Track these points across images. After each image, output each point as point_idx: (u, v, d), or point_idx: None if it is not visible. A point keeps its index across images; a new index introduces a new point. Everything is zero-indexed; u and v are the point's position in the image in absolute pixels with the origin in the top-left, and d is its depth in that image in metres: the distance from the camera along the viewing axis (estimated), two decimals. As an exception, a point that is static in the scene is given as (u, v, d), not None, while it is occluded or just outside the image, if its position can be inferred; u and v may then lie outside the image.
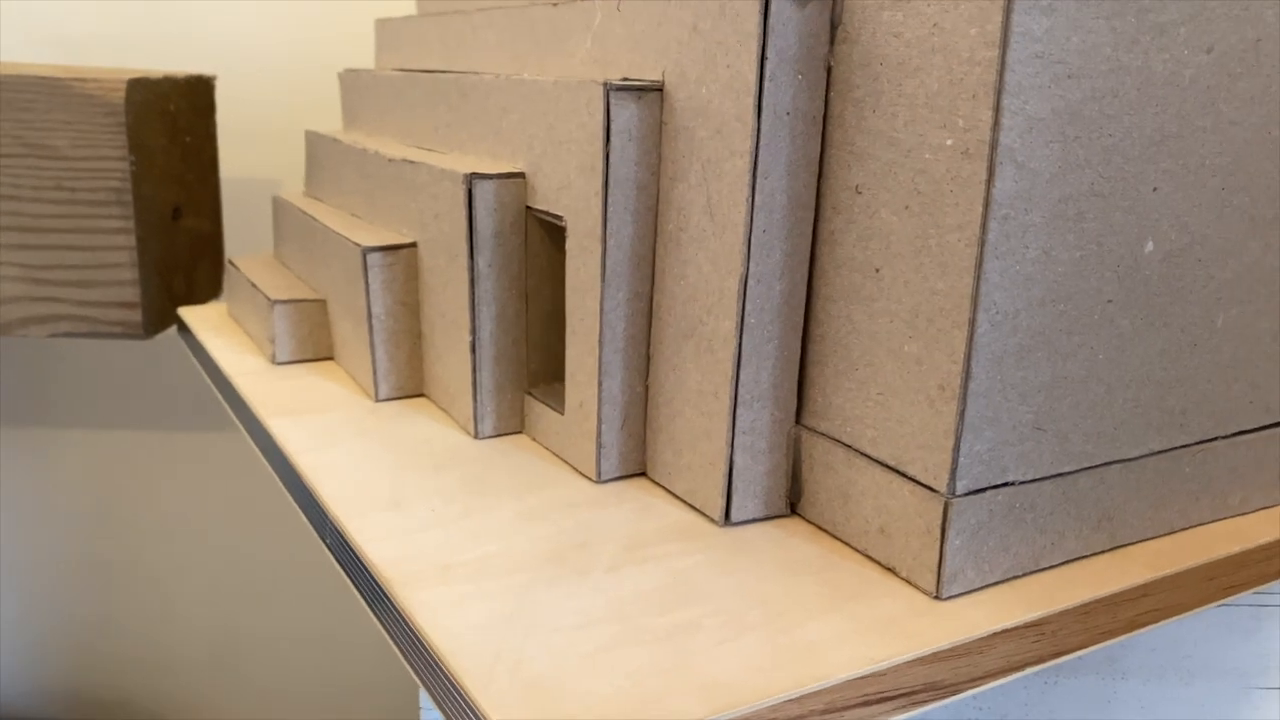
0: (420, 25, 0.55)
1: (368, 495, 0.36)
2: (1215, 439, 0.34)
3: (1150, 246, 0.30)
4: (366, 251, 0.44)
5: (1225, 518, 0.36)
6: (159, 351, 0.87)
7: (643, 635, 0.28)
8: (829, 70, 0.32)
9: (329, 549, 0.35)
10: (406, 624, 0.29)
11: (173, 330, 0.66)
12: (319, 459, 0.39)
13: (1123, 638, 0.32)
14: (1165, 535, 0.34)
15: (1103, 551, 0.33)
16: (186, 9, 0.80)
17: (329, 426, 0.43)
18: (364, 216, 0.51)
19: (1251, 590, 0.34)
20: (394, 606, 0.30)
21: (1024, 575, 0.31)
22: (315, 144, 0.59)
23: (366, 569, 0.32)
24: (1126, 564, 0.32)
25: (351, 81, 0.59)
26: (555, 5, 0.41)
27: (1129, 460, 0.32)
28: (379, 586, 0.31)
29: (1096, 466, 0.32)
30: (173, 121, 0.66)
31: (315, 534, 0.37)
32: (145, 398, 0.88)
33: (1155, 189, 0.30)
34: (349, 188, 0.53)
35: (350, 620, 0.95)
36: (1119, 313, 0.31)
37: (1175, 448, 0.34)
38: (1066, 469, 0.31)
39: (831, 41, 0.31)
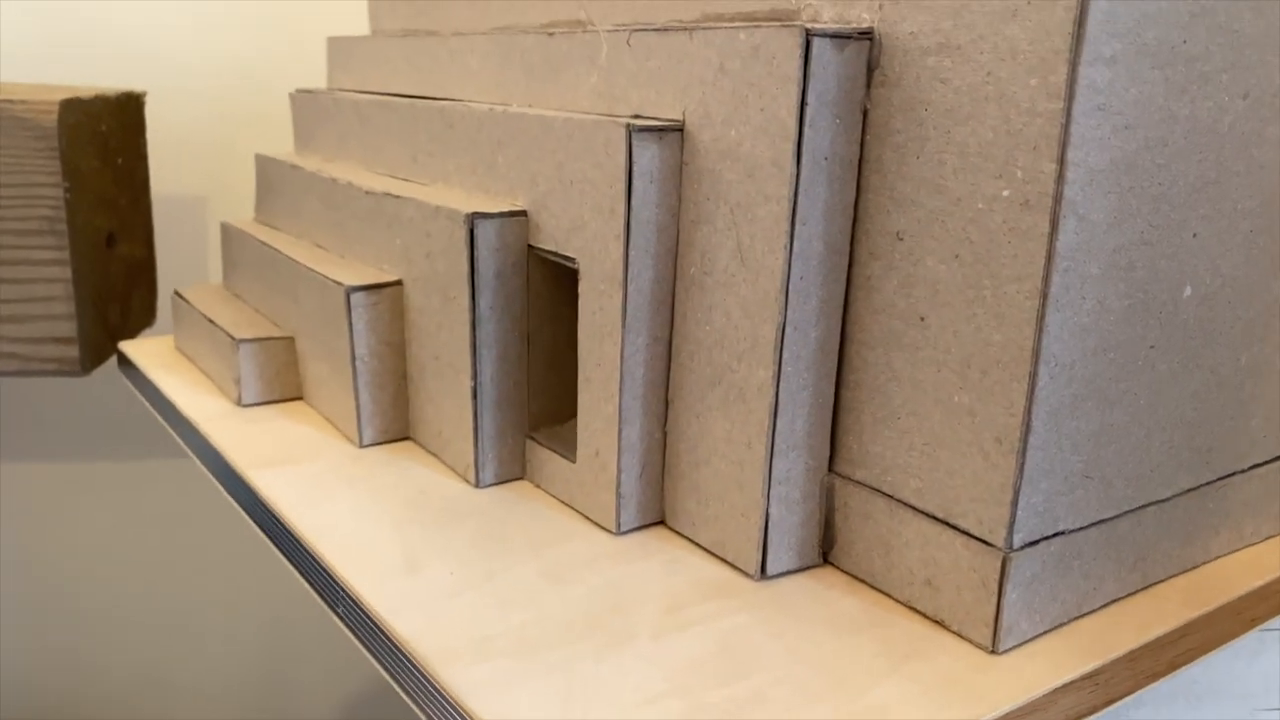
0: (382, 45, 0.53)
1: (378, 558, 0.34)
2: (1234, 473, 0.35)
3: (1188, 291, 0.31)
4: (350, 291, 0.42)
5: (1240, 548, 0.36)
6: (80, 382, 0.82)
7: (711, 711, 0.26)
8: (865, 113, 0.31)
9: (340, 618, 0.33)
10: (455, 709, 0.27)
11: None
12: (316, 518, 0.37)
13: (1164, 679, 0.32)
14: (1190, 570, 0.35)
15: (1136, 592, 0.33)
16: (95, 14, 0.76)
17: (316, 478, 0.40)
18: (331, 249, 0.49)
19: (1271, 620, 0.35)
20: (437, 689, 0.28)
21: (1069, 622, 0.31)
22: (268, 169, 0.56)
23: (395, 645, 0.30)
24: (1162, 604, 0.32)
25: (305, 103, 0.57)
26: (551, 35, 0.39)
27: (1163, 501, 0.33)
28: (413, 665, 0.29)
29: (1135, 510, 0.32)
30: (105, 143, 0.62)
31: (296, 576, 0.35)
32: (67, 428, 0.83)
33: (1195, 234, 0.30)
34: (312, 217, 0.51)
35: (292, 657, 0.91)
36: (1159, 357, 0.31)
37: (1201, 485, 0.34)
38: (1109, 514, 0.31)
39: (868, 84, 0.31)
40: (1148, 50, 0.27)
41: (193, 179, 0.81)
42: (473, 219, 0.37)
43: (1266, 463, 0.36)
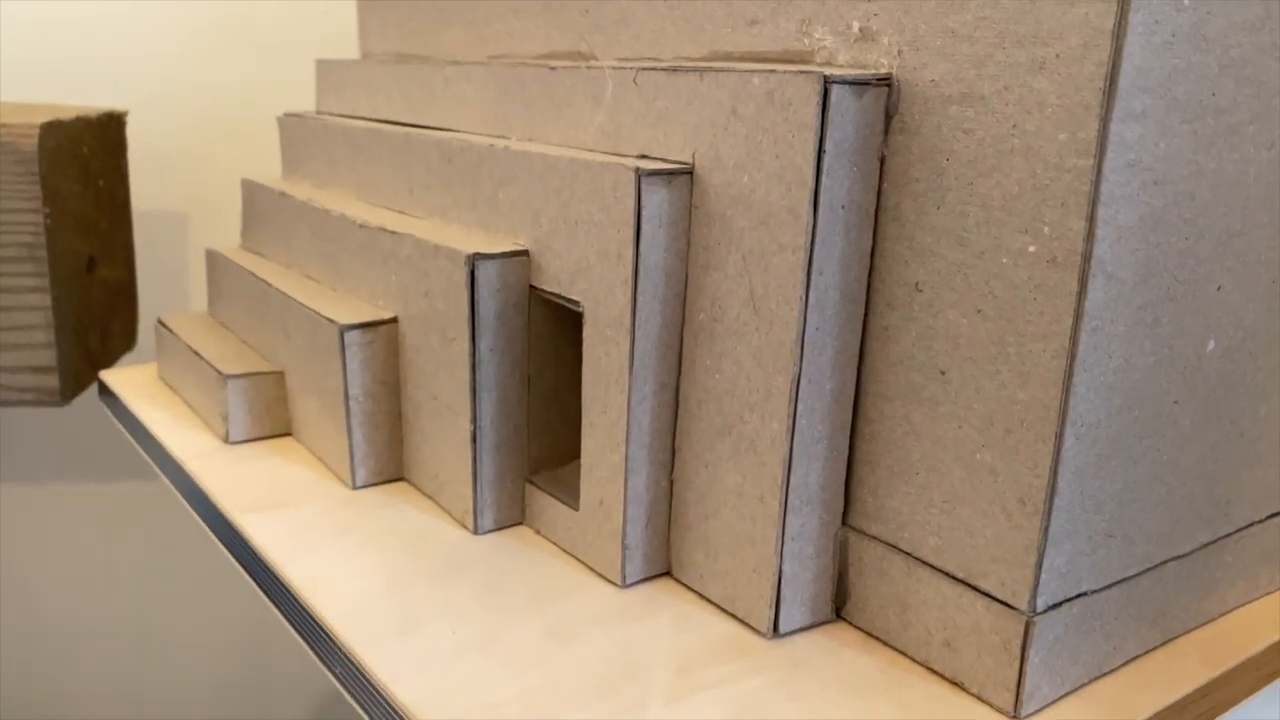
0: (373, 71, 0.51)
1: (375, 614, 0.33)
2: (1253, 524, 0.34)
3: (1212, 345, 0.30)
4: (344, 330, 0.41)
5: (1256, 598, 0.36)
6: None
7: (729, 787, 0.26)
8: (882, 160, 0.30)
9: (337, 679, 0.32)
10: (463, 786, 0.26)
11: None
12: (308, 568, 0.36)
13: (1186, 740, 0.31)
14: (1206, 624, 0.34)
15: (1155, 648, 0.32)
16: (77, 31, 0.74)
17: (308, 524, 0.39)
18: (323, 281, 0.48)
19: (1287, 674, 0.34)
20: (444, 763, 0.27)
21: (1089, 683, 0.30)
22: (256, 195, 0.54)
23: (397, 713, 0.29)
24: (1182, 661, 0.32)
25: (294, 127, 0.55)
26: (553, 69, 0.38)
27: (1183, 556, 0.32)
28: (417, 734, 0.28)
29: (1155, 566, 0.31)
30: (85, 165, 0.61)
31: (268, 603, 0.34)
32: (37, 450, 0.81)
33: (1219, 288, 0.29)
34: (302, 247, 0.49)
35: (268, 682, 0.89)
36: (1182, 412, 0.30)
37: (1220, 538, 0.33)
38: (1131, 573, 0.30)
39: (886, 131, 0.30)
40: (1178, 104, 0.26)
41: (174, 197, 0.79)
42: (474, 259, 0.36)
43: (1283, 512, 0.35)
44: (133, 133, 0.70)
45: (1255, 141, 0.29)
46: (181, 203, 0.80)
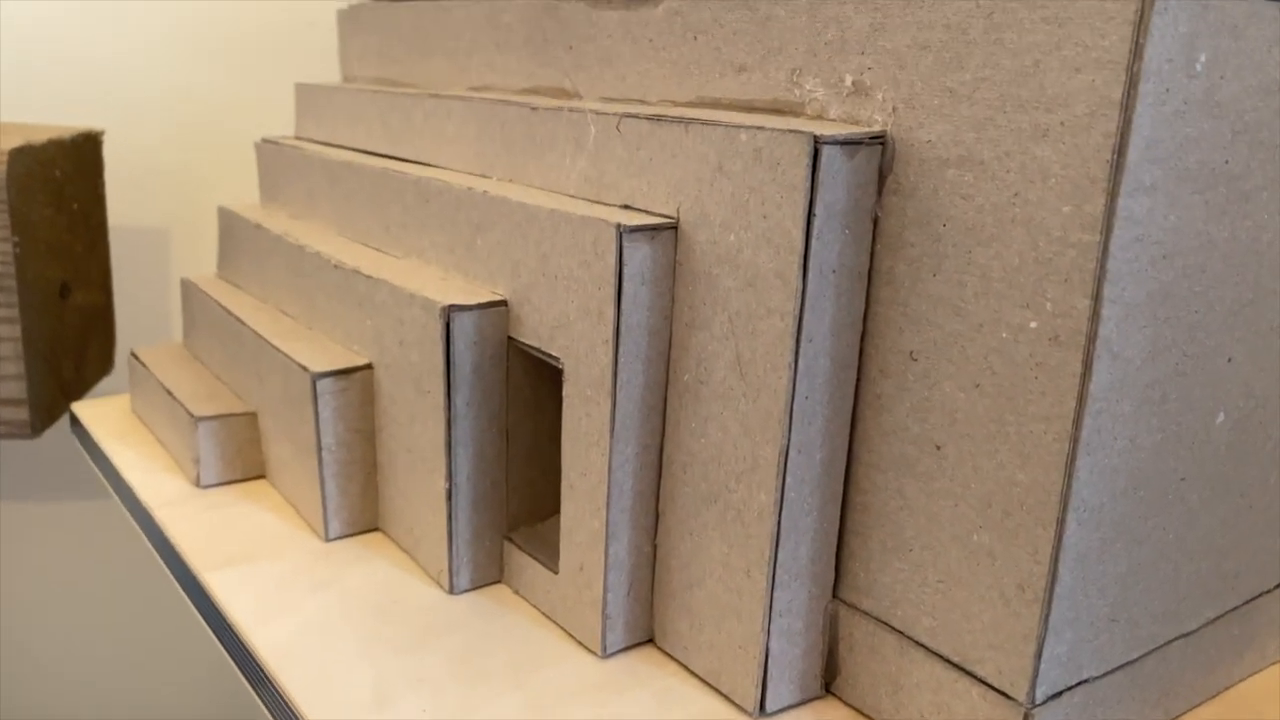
0: (353, 99, 0.50)
1: (345, 689, 0.31)
2: (1261, 595, 0.33)
3: (1221, 417, 0.28)
4: (317, 378, 0.39)
5: (1263, 668, 0.34)
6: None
7: None
8: (875, 220, 0.29)
9: (303, 759, 0.31)
10: None
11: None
12: (277, 633, 0.34)
13: (1191, 829, 0.30)
14: (1213, 698, 0.33)
15: (1159, 728, 0.31)
16: (54, 46, 0.72)
17: (279, 581, 0.37)
18: (299, 318, 0.46)
19: (1295, 750, 0.33)
20: None
21: (1091, 769, 0.29)
22: (232, 225, 0.53)
23: (362, 805, 0.27)
24: (1186, 743, 0.30)
25: (271, 154, 0.54)
26: (534, 110, 0.37)
27: (1189, 634, 0.31)
28: (382, 832, 0.26)
29: (1160, 647, 0.30)
30: (58, 189, 0.59)
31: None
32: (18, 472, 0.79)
33: (1230, 359, 0.28)
34: (277, 281, 0.48)
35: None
36: (1189, 489, 0.28)
37: (1227, 611, 0.32)
38: (1135, 655, 0.29)
39: (879, 192, 0.28)
40: (1189, 174, 0.25)
41: (154, 212, 0.78)
42: (449, 311, 0.35)
43: (1291, 579, 0.34)
44: (113, 146, 0.68)
45: (1269, 208, 0.27)
46: (163, 218, 0.78)
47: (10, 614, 0.81)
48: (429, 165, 0.44)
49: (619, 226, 0.30)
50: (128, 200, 0.75)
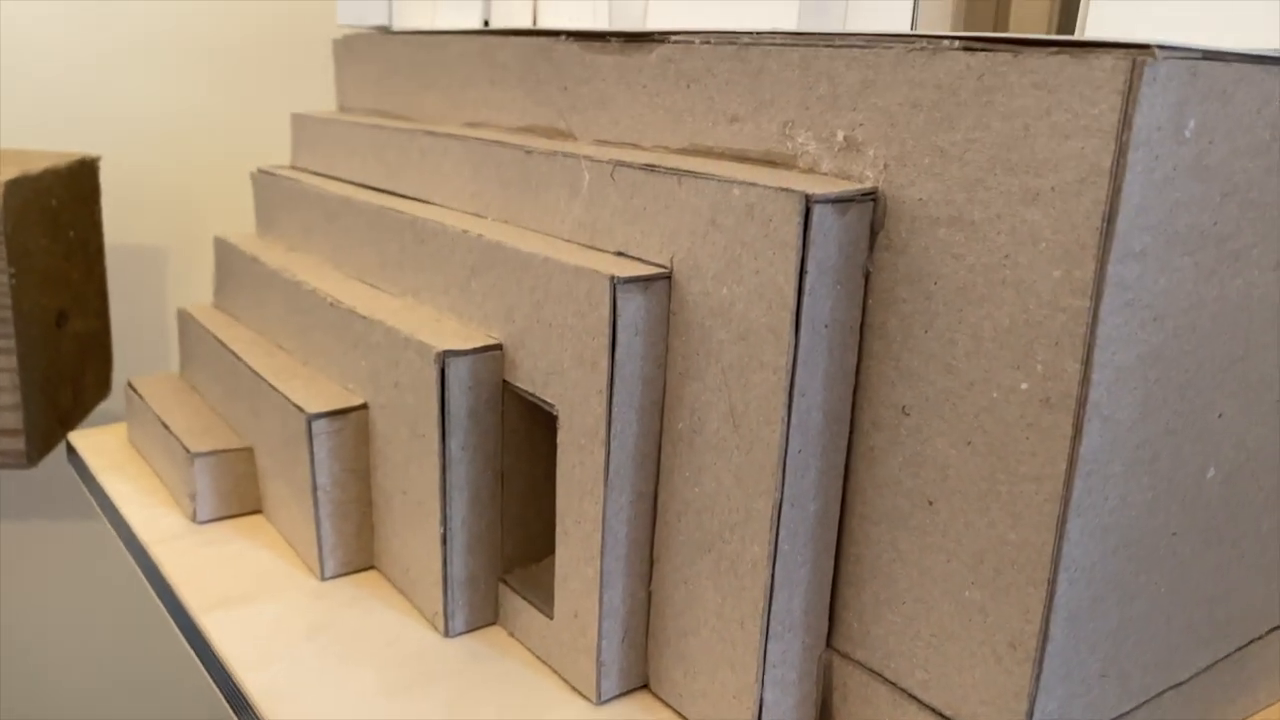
0: (348, 131, 0.50)
1: (339, 738, 0.31)
2: (1253, 641, 0.33)
3: (1212, 472, 0.29)
4: (312, 419, 0.39)
5: (1255, 713, 0.34)
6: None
7: None
8: (867, 275, 0.29)
9: (298, 810, 0.31)
10: None
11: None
12: (271, 678, 0.34)
13: None
14: (1205, 745, 0.33)
15: (1152, 777, 0.31)
16: (49, 72, 0.73)
17: (274, 623, 0.37)
18: (295, 352, 0.46)
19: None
20: None
21: (1083, 821, 0.29)
22: (229, 256, 0.53)
23: None
24: (1179, 792, 0.30)
25: (268, 185, 0.54)
26: (529, 154, 0.37)
27: (1181, 684, 0.31)
28: None
29: (1153, 698, 0.30)
30: (54, 218, 0.59)
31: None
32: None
33: (1220, 415, 0.28)
34: (274, 315, 0.48)
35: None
36: (1181, 542, 0.29)
37: (1220, 659, 0.32)
38: (1127, 708, 0.29)
39: (871, 247, 0.28)
40: (1178, 238, 0.25)
41: (151, 232, 0.78)
42: (444, 357, 0.35)
43: (1283, 624, 0.34)
44: (111, 166, 0.68)
45: (1260, 264, 0.27)
46: (161, 237, 0.78)
47: (9, 640, 0.81)
48: (426, 202, 0.44)
49: (612, 278, 0.30)
50: (125, 219, 0.75)
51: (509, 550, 0.38)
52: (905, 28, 0.37)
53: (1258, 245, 0.27)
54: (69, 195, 0.61)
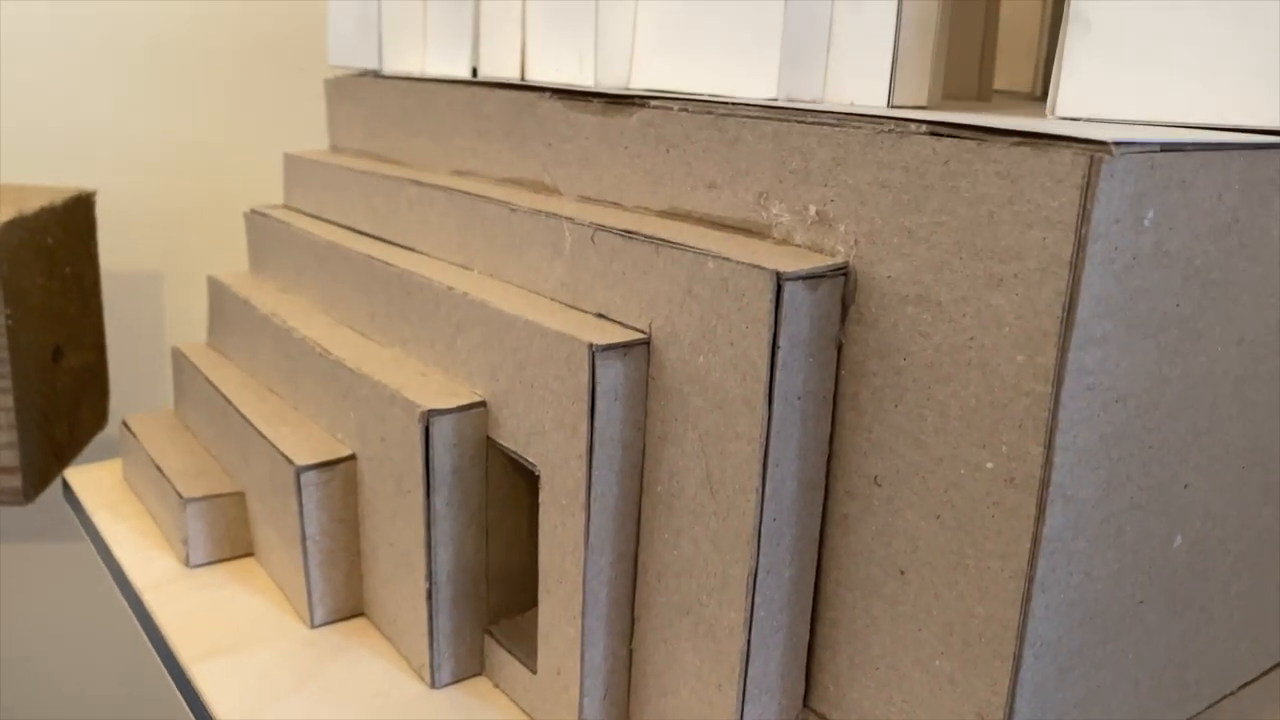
0: (339, 176, 0.50)
1: (325, 797, 0.32)
2: (1224, 698, 0.34)
3: (1179, 540, 0.29)
4: (301, 470, 0.40)
5: (1228, 766, 0.35)
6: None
7: None
8: (839, 346, 0.29)
9: None
10: None
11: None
12: (260, 735, 0.35)
13: None
14: (1177, 800, 0.33)
15: (1123, 835, 0.32)
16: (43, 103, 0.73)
17: (263, 674, 0.38)
18: (286, 397, 0.47)
19: None
20: None
21: None
22: (222, 297, 0.53)
23: None
24: None
25: (260, 226, 0.54)
26: (514, 210, 0.37)
27: (1151, 745, 0.31)
28: None
29: (1122, 760, 0.30)
30: (50, 255, 0.60)
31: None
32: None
33: (1186, 485, 0.29)
34: (265, 359, 0.48)
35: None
36: (1148, 610, 0.29)
37: (1190, 719, 0.32)
38: (1096, 771, 0.30)
39: (843, 320, 0.29)
40: (1139, 322, 0.25)
41: (147, 255, 0.78)
42: (428, 416, 0.35)
43: (1254, 680, 0.35)
44: (109, 190, 0.69)
45: (1223, 340, 0.28)
46: (156, 261, 0.79)
47: (8, 666, 0.82)
48: (414, 250, 0.44)
49: (591, 346, 0.31)
50: (122, 246, 0.75)
51: (494, 601, 0.39)
52: (884, 89, 0.37)
53: (1220, 323, 0.27)
54: (65, 232, 0.62)
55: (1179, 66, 0.30)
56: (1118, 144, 0.23)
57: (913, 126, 0.26)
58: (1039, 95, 0.54)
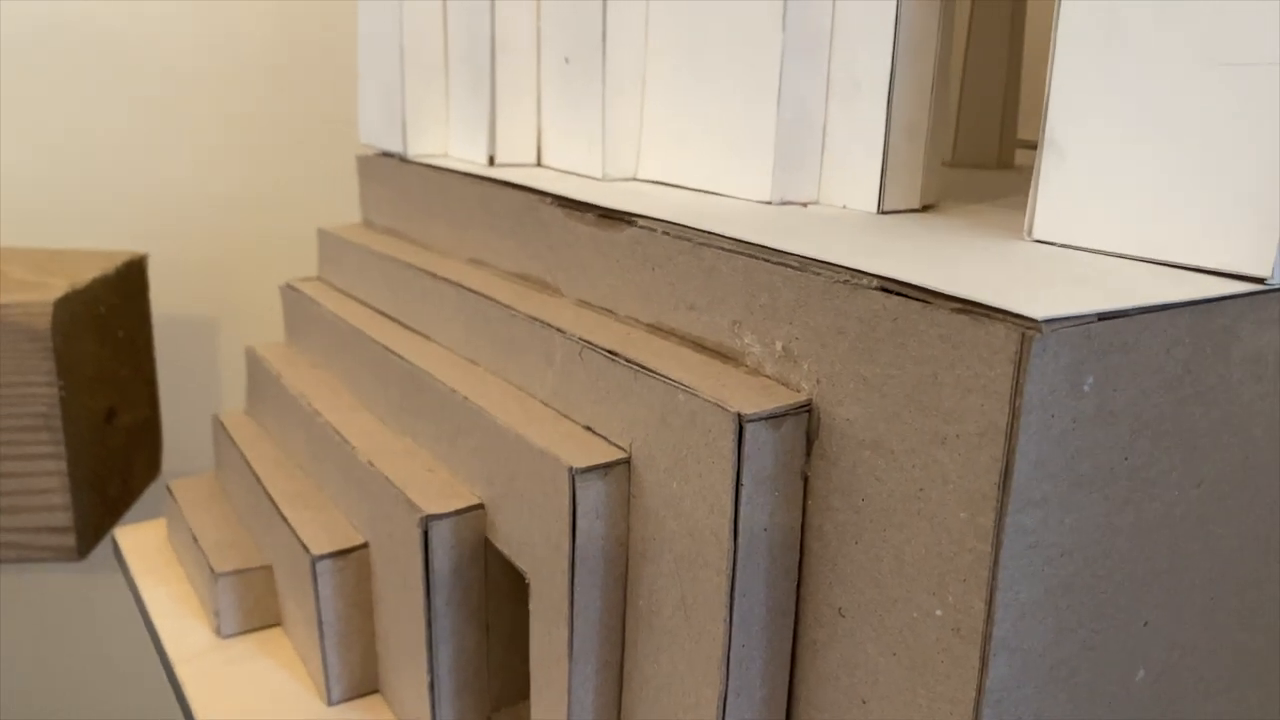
0: (363, 257, 0.53)
1: None
2: (1204, 816, 0.34)
3: (1142, 674, 0.29)
4: (316, 560, 0.42)
5: None
6: None
7: None
8: (805, 478, 0.30)
9: None
10: None
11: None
12: (271, 822, 0.37)
13: None
14: None
15: None
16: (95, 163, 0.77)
17: (280, 755, 0.40)
18: (313, 475, 0.49)
19: None
20: None
21: None
22: (257, 369, 0.56)
23: None
24: None
25: (294, 300, 0.57)
26: (514, 315, 0.39)
27: None
28: None
29: None
30: (103, 323, 0.63)
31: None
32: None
33: (1146, 623, 0.29)
34: (295, 437, 0.51)
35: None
36: (1111, 742, 0.29)
37: (1165, 838, 0.33)
38: None
39: (808, 454, 0.30)
40: (1084, 480, 0.26)
41: (200, 301, 0.82)
42: (427, 521, 0.37)
43: (1240, 794, 0.35)
44: (157, 238, 0.72)
45: (1179, 485, 0.28)
46: (209, 308, 0.82)
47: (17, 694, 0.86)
48: (429, 339, 0.46)
49: (571, 470, 0.32)
50: (173, 292, 0.78)
51: (496, 691, 0.40)
52: (874, 194, 0.38)
53: (1176, 469, 0.28)
54: (119, 297, 0.65)
55: (1149, 201, 0.30)
56: (1048, 321, 0.23)
57: (865, 280, 0.27)
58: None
